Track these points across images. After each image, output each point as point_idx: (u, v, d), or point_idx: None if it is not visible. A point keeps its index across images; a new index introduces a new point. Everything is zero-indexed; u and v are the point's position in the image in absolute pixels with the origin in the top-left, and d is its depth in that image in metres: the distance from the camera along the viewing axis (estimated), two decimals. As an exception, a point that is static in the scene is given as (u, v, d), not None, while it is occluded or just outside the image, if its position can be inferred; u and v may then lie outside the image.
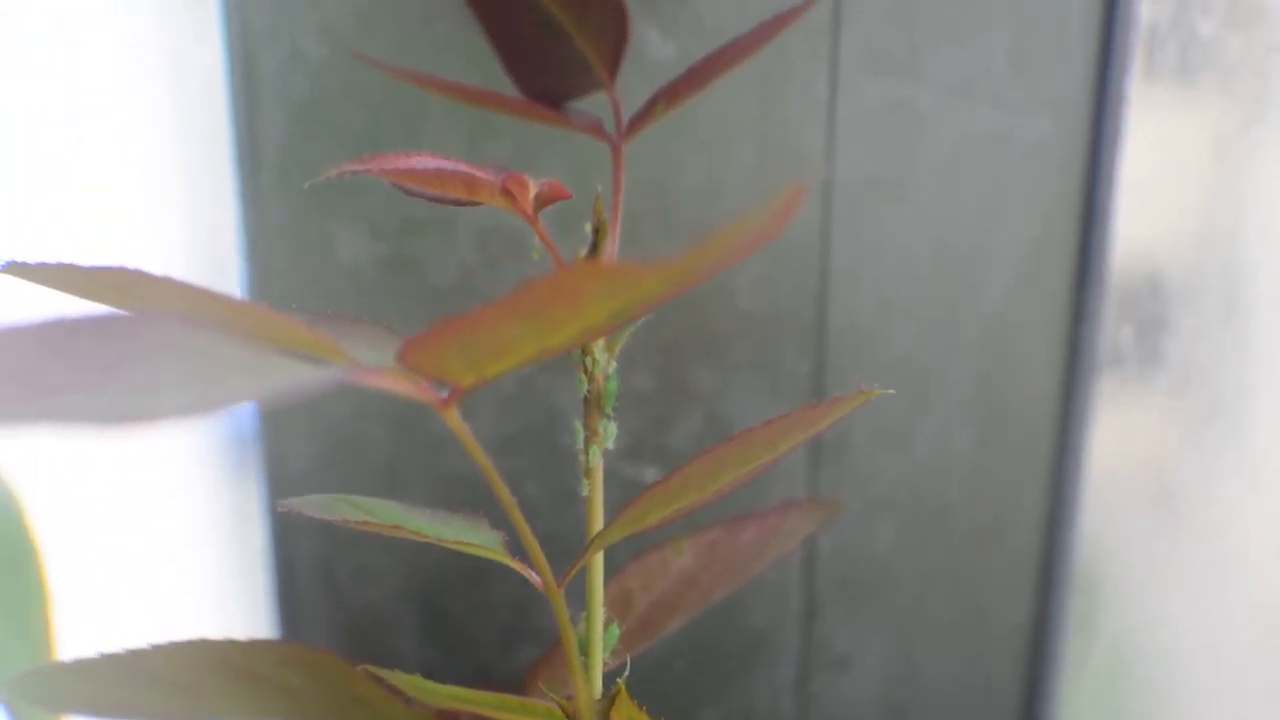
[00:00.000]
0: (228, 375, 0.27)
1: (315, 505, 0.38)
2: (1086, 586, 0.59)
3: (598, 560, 0.40)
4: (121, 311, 0.32)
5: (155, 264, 0.51)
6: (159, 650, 0.38)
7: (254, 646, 0.40)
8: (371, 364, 0.32)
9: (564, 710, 0.40)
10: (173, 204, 0.56)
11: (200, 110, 0.54)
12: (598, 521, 0.40)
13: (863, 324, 0.55)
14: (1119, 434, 0.58)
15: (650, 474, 0.56)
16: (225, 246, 0.54)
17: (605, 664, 0.41)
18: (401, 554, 0.58)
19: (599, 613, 0.41)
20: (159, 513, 0.61)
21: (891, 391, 0.40)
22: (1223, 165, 0.56)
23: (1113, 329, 0.56)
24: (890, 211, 0.54)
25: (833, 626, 0.59)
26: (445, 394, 0.31)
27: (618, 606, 0.46)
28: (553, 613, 0.38)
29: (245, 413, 0.56)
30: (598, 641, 0.41)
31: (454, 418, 0.32)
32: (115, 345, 0.26)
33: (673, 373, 0.55)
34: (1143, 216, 0.54)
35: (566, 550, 0.56)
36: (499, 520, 0.38)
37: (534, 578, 0.37)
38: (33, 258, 0.33)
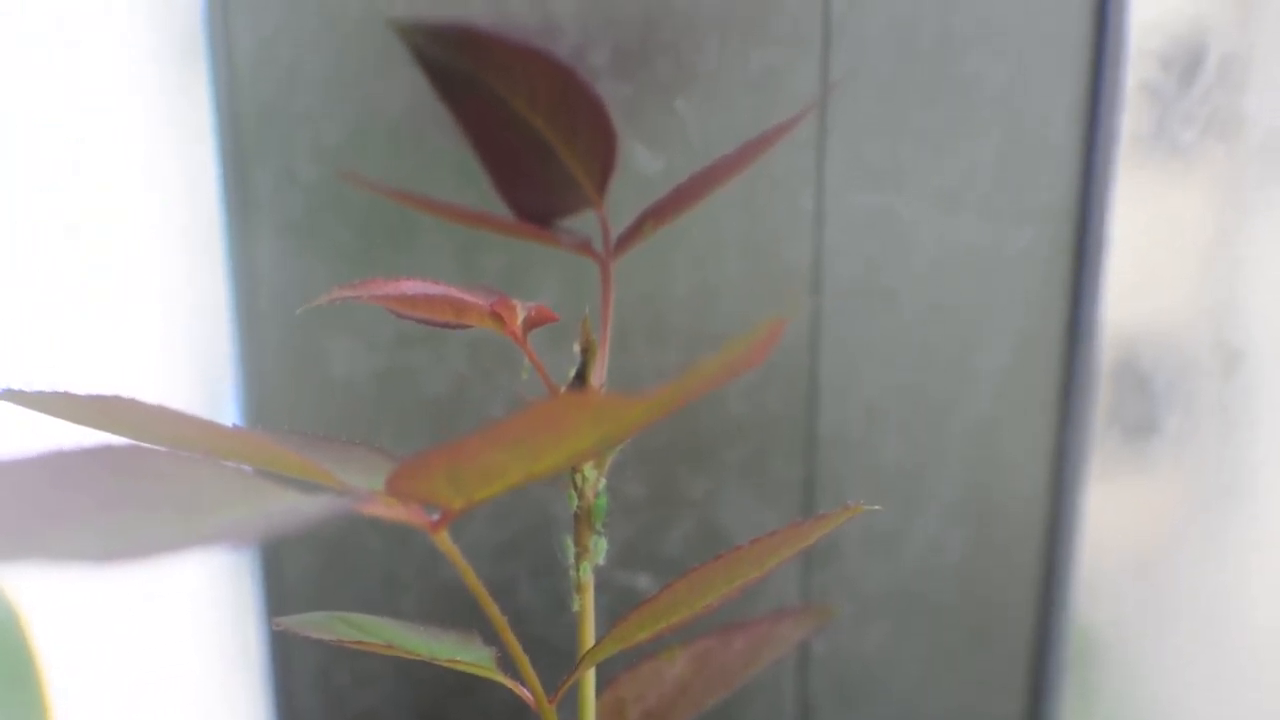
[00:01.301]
0: (222, 507, 0.28)
1: (312, 624, 0.39)
2: (1081, 681, 0.60)
3: (589, 676, 0.41)
4: (115, 439, 0.33)
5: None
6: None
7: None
8: (363, 490, 0.32)
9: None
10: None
11: (194, 229, 0.55)
12: (589, 638, 0.40)
13: (852, 429, 0.56)
14: (1110, 532, 0.58)
15: (643, 580, 0.56)
16: (220, 367, 0.55)
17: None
18: (399, 659, 0.58)
19: (590, 728, 0.41)
20: (156, 619, 0.61)
21: (877, 508, 0.40)
22: (1208, 270, 0.56)
23: (1101, 430, 0.57)
24: (878, 319, 0.55)
25: (828, 730, 0.59)
26: (435, 517, 0.32)
27: (611, 716, 0.46)
28: None
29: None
30: (590, 756, 0.41)
31: (444, 540, 0.32)
32: (110, 478, 0.27)
33: (664, 479, 0.55)
34: (1129, 321, 0.55)
35: (562, 653, 0.56)
36: (493, 633, 0.38)
37: (525, 695, 0.38)
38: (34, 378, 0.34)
